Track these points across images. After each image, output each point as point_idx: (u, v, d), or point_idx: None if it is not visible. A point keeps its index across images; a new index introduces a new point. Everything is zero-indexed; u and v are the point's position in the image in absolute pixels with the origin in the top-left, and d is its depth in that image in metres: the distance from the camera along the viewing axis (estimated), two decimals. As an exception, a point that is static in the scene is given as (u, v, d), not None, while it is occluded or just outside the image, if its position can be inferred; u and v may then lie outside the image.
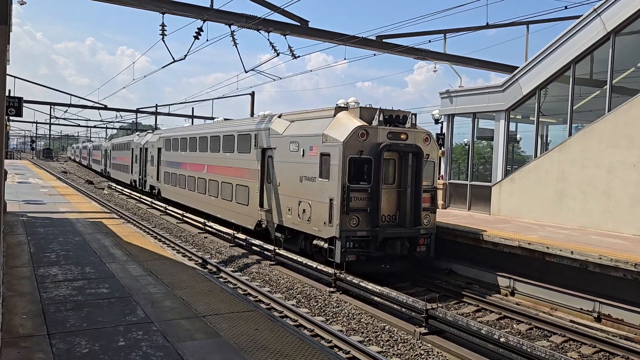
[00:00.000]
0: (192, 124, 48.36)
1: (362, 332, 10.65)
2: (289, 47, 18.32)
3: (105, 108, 48.19)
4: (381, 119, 13.95)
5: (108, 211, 22.87)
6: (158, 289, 8.99)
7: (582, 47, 16.77)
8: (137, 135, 42.65)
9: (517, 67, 19.95)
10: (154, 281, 9.53)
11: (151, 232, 21.39)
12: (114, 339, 6.59)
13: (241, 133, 20.27)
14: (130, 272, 10.12)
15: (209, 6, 16.96)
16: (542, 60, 18.13)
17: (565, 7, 14.75)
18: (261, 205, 18.12)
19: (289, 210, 16.00)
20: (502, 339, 8.97)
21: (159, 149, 32.37)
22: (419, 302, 10.76)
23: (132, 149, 40.64)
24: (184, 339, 6.69)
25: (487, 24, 19.14)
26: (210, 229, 21.84)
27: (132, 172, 41.21)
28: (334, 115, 14.62)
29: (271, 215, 17.34)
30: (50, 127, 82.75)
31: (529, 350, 8.52)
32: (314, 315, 11.53)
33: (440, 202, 20.29)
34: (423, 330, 10.41)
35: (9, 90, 36.51)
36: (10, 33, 12.67)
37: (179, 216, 25.87)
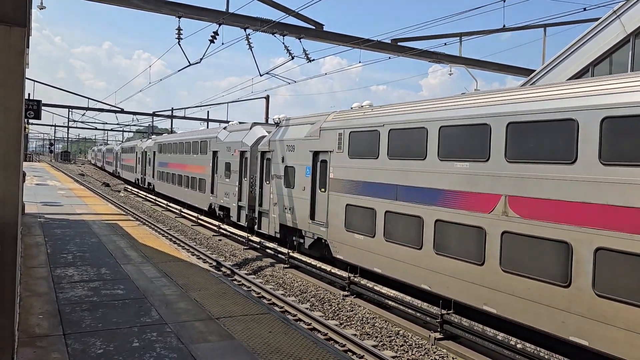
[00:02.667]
0: (208, 127, 48.74)
1: (376, 337, 10.57)
2: (304, 50, 18.33)
3: (122, 111, 48.72)
4: None
5: (124, 213, 23.06)
6: (172, 291, 9.02)
7: (600, 49, 16.52)
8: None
9: (534, 71, 19.72)
10: (168, 283, 9.57)
11: (166, 234, 21.51)
12: (128, 339, 6.61)
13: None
14: (145, 274, 10.17)
15: (224, 10, 17.05)
16: (560, 64, 17.89)
17: (584, 9, 14.57)
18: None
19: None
20: (519, 345, 8.82)
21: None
22: (433, 307, 10.64)
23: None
24: (197, 341, 6.69)
25: (504, 26, 18.95)
26: (224, 232, 21.91)
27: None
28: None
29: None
30: (68, 130, 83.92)
31: (546, 357, 8.36)
32: (328, 319, 11.47)
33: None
34: (438, 335, 10.29)
35: (28, 94, 37.12)
36: (30, 37, 12.87)
37: (194, 219, 26.00)
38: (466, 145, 10.11)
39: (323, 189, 14.88)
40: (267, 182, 18.68)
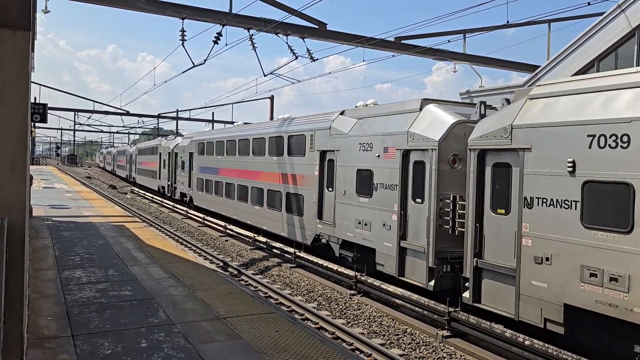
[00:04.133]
0: (212, 128, 48.62)
1: (384, 335, 10.56)
2: (307, 50, 18.34)
3: (128, 114, 48.92)
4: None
5: (130, 215, 23.17)
6: (179, 291, 9.06)
7: (606, 44, 16.41)
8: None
9: (539, 67, 19.64)
10: (175, 283, 9.60)
11: (173, 236, 21.59)
12: (136, 340, 6.65)
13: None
14: (152, 275, 10.22)
15: (227, 11, 17.09)
16: (565, 59, 17.80)
17: (589, 3, 14.45)
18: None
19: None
20: (527, 342, 8.79)
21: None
22: (441, 305, 10.62)
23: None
24: (205, 341, 6.71)
25: (508, 22, 18.88)
26: (231, 232, 21.95)
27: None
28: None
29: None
30: (74, 133, 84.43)
31: (554, 353, 8.33)
32: (335, 318, 11.48)
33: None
34: (445, 333, 10.26)
35: (34, 97, 37.34)
36: (35, 41, 12.95)
37: (200, 220, 26.07)
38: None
39: None
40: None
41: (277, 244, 17.93)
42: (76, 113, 54.08)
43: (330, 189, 15.48)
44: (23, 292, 5.07)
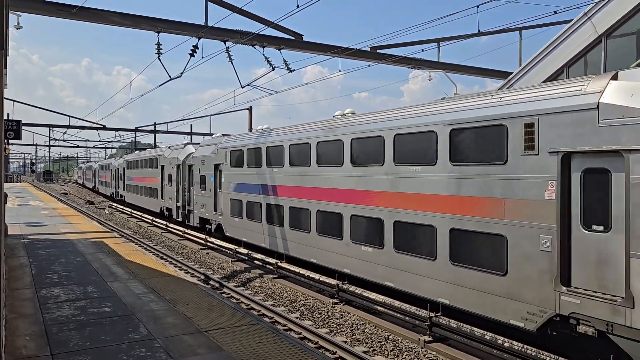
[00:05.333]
0: (191, 140, 47.88)
1: (367, 343, 10.62)
2: (284, 61, 18.45)
3: (104, 128, 48.34)
4: None
5: (109, 230, 22.87)
6: (160, 306, 9.00)
7: (574, 50, 16.90)
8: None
9: (511, 73, 20.09)
10: (156, 298, 9.54)
11: (152, 250, 21.37)
12: (117, 356, 6.59)
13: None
14: (132, 290, 10.12)
15: (203, 24, 17.13)
16: (536, 65, 18.25)
17: (555, 12, 14.88)
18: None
19: None
20: (506, 344, 8.94)
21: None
22: (422, 310, 10.74)
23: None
24: (186, 354, 6.69)
25: (479, 31, 19.30)
26: (212, 245, 21.82)
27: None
28: None
29: None
30: (49, 149, 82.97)
31: (533, 354, 8.49)
32: (318, 327, 11.50)
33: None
34: (427, 338, 10.37)
35: (7, 114, 36.68)
36: (7, 57, 12.81)
37: (180, 233, 25.85)
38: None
39: None
40: None
41: (259, 255, 17.88)
42: (51, 128, 53.22)
43: None
44: (0, 312, 5.01)
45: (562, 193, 8.25)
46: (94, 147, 75.54)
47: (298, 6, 13.95)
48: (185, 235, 25.14)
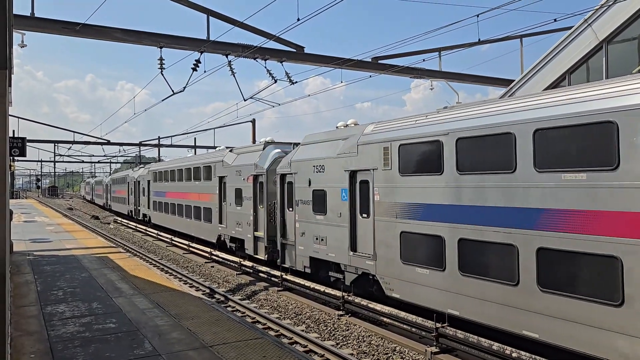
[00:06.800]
0: (195, 153, 48.45)
1: (373, 355, 10.54)
2: (286, 73, 18.53)
3: (109, 143, 48.61)
4: None
5: (114, 245, 22.89)
6: (165, 321, 8.97)
7: (575, 57, 16.93)
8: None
9: (513, 81, 20.11)
10: (160, 313, 9.51)
11: (157, 264, 21.35)
12: (122, 373, 6.56)
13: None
14: (137, 306, 10.10)
15: (205, 38, 17.27)
16: (537, 73, 18.28)
17: (555, 20, 14.91)
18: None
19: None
20: (514, 355, 8.85)
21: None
22: (428, 321, 10.66)
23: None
24: (192, 371, 6.65)
25: (479, 39, 19.35)
26: (216, 258, 21.79)
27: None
28: None
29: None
30: (54, 164, 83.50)
31: (542, 364, 8.37)
32: (324, 340, 11.43)
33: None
34: (434, 349, 10.28)
35: (13, 131, 36.96)
36: (12, 75, 12.93)
37: (185, 247, 25.85)
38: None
39: None
40: None
41: (264, 268, 17.84)
42: (56, 144, 53.57)
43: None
44: (5, 330, 5.00)
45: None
46: (98, 162, 75.99)
47: (298, 19, 14.05)
48: (190, 248, 25.12)
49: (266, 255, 18.15)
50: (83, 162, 71.91)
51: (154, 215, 34.59)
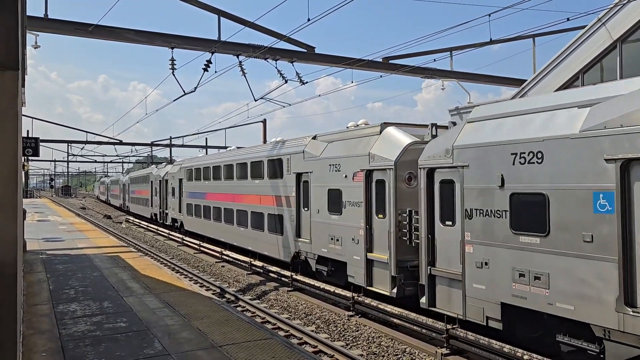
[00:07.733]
0: (207, 154, 48.49)
1: (383, 356, 10.50)
2: (297, 73, 18.53)
3: (121, 143, 48.97)
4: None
5: (125, 245, 23.06)
6: (175, 321, 9.01)
7: (589, 57, 16.73)
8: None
9: (525, 80, 19.93)
10: (170, 313, 9.55)
11: (168, 264, 21.48)
12: (132, 373, 6.59)
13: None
14: (148, 305, 10.16)
15: (216, 39, 17.32)
16: (550, 72, 18.09)
17: (568, 19, 14.77)
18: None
19: None
20: (525, 357, 8.76)
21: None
22: (439, 323, 10.59)
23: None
24: (201, 371, 6.67)
25: (491, 39, 19.20)
26: (227, 258, 21.87)
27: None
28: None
29: None
30: (67, 164, 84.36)
31: (554, 367, 8.28)
32: (334, 340, 11.41)
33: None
34: (445, 351, 10.22)
35: (27, 131, 37.43)
36: (26, 76, 13.07)
37: (196, 246, 25.96)
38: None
39: None
40: None
41: (274, 268, 17.87)
42: (69, 144, 54.10)
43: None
44: (16, 329, 5.05)
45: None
46: (110, 161, 76.63)
47: (309, 19, 14.04)
48: (201, 248, 25.23)
49: (394, 290, 12.22)
50: (96, 162, 72.54)
51: (188, 220, 29.42)
